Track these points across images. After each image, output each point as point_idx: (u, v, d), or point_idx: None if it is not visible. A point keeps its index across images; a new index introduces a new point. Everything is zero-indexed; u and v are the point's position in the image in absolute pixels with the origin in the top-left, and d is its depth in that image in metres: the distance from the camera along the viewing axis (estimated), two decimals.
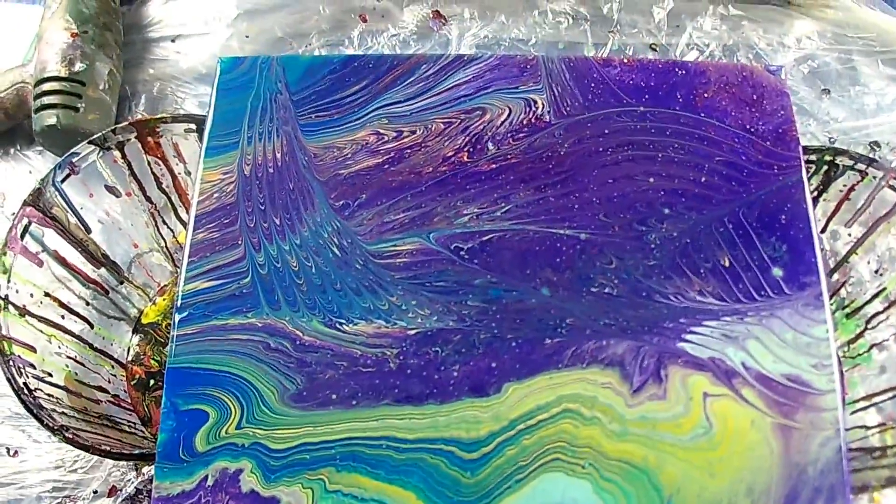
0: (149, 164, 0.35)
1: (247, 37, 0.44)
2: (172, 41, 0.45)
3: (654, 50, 0.44)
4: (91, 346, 0.36)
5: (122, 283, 0.38)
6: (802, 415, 0.28)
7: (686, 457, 0.27)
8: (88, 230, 0.35)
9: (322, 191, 0.30)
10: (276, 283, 0.29)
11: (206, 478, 0.27)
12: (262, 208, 0.30)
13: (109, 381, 0.37)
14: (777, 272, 0.29)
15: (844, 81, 0.44)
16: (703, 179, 0.30)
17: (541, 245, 0.29)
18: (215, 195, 0.30)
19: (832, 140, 0.43)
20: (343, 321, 0.28)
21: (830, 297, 0.40)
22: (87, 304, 0.36)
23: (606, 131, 0.31)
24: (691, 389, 0.28)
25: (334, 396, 0.27)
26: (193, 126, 0.34)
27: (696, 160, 0.31)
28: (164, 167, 0.35)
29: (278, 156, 0.31)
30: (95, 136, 0.33)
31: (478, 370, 0.27)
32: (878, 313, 0.38)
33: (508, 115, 0.31)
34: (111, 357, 0.38)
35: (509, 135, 0.31)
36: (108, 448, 0.30)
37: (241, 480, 0.27)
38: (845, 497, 0.27)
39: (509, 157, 0.30)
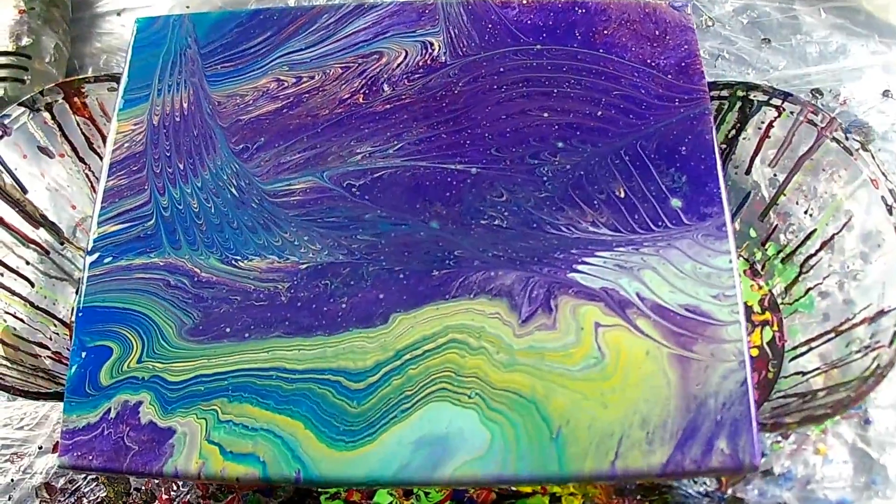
0: (78, 124, 0.36)
1: (188, 7, 0.46)
2: (118, 14, 0.47)
3: None
4: (32, 304, 0.38)
5: (63, 244, 0.40)
6: (702, 346, 0.27)
7: (576, 387, 0.27)
8: (25, 190, 0.37)
9: (223, 136, 0.31)
10: (178, 224, 0.30)
11: (108, 410, 0.28)
12: (168, 155, 0.31)
13: (51, 339, 0.38)
14: (676, 203, 0.29)
15: (786, 31, 0.43)
16: (599, 113, 0.30)
17: (431, 180, 0.29)
18: (126, 145, 0.32)
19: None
20: (238, 258, 0.29)
21: (765, 242, 0.39)
22: (27, 263, 0.38)
23: (501, 69, 0.31)
24: (582, 319, 0.28)
25: (228, 330, 0.28)
26: (115, 84, 0.35)
27: (592, 95, 0.31)
28: (93, 127, 0.37)
29: (185, 105, 0.32)
30: (25, 98, 0.35)
31: (365, 302, 0.28)
32: (810, 256, 0.37)
33: (405, 57, 0.32)
34: (54, 316, 0.39)
35: (405, 76, 0.31)
36: (28, 390, 0.31)
37: (141, 412, 0.28)
38: (750, 431, 0.26)
39: (404, 97, 0.31)
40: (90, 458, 0.27)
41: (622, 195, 0.29)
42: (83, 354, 0.29)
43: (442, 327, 0.27)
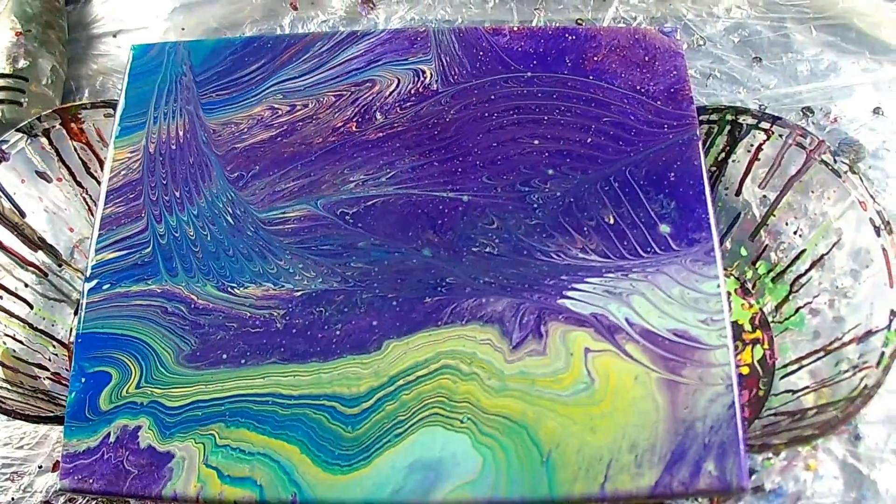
0: (75, 149, 0.37)
1: (183, 29, 0.47)
2: (114, 36, 0.48)
3: (581, 25, 0.45)
4: (31, 325, 0.38)
5: (61, 266, 0.40)
6: (690, 370, 0.28)
7: (566, 412, 0.27)
8: (23, 214, 0.37)
9: (219, 164, 0.32)
10: (175, 252, 0.30)
11: (108, 435, 0.28)
12: (165, 183, 0.32)
13: (50, 360, 0.39)
14: (665, 229, 0.30)
15: (777, 49, 0.44)
16: (589, 140, 0.31)
17: (423, 208, 0.30)
18: (123, 172, 0.32)
19: (762, 107, 0.42)
20: (234, 285, 0.30)
21: (756, 261, 0.40)
22: (26, 285, 0.38)
23: (492, 97, 0.32)
24: (572, 345, 0.28)
25: (224, 356, 0.29)
26: (112, 111, 0.35)
27: (582, 122, 0.31)
28: (90, 152, 0.37)
29: (181, 133, 0.32)
30: (23, 124, 0.35)
31: (359, 328, 0.28)
32: (801, 275, 0.37)
33: (397, 85, 0.32)
34: (53, 337, 0.39)
35: (397, 104, 0.32)
36: (29, 413, 0.32)
37: (140, 437, 0.28)
38: (738, 454, 0.27)
39: (396, 125, 0.31)
40: (90, 481, 0.28)
41: (612, 221, 0.30)
42: (82, 380, 0.29)
43: (434, 353, 0.28)
